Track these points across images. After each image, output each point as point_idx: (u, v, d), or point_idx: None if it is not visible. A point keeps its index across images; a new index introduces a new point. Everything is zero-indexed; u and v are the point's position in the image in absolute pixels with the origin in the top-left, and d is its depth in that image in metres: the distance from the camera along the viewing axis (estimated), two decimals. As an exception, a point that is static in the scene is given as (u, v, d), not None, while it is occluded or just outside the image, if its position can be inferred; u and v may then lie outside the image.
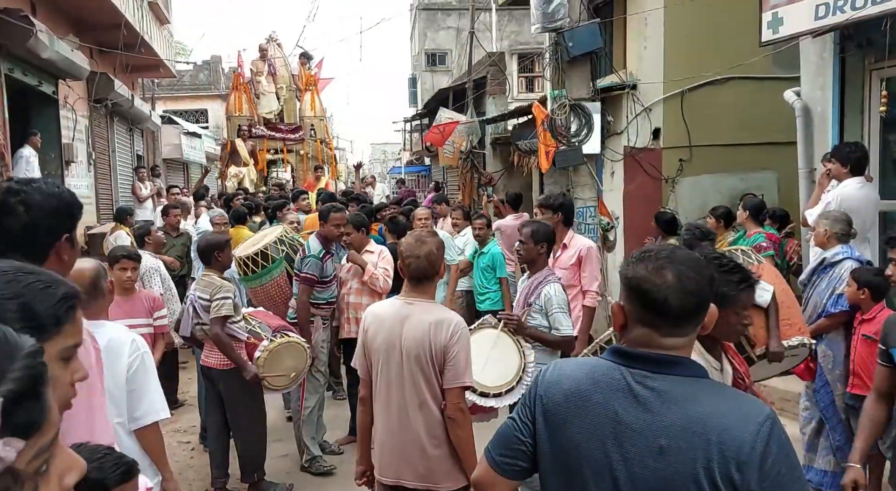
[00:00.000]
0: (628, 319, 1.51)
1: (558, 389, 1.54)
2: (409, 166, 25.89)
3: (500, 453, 1.62)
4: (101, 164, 11.53)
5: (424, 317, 2.79)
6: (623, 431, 1.42)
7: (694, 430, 1.37)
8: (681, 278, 1.43)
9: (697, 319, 1.48)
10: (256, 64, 15.60)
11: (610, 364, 1.51)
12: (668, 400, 1.41)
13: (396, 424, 2.81)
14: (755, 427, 1.36)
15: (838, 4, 4.99)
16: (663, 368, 1.45)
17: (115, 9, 9.90)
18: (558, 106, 7.10)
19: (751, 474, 1.32)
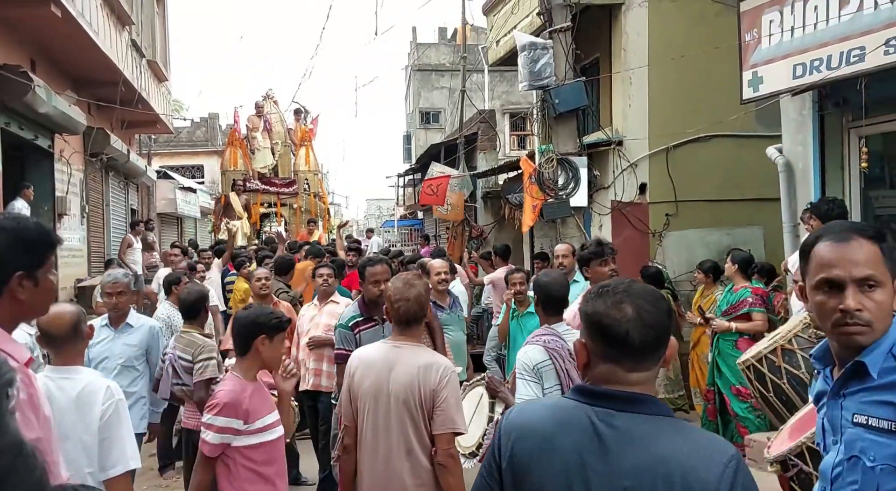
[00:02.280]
0: (591, 356, 1.49)
1: (521, 432, 1.50)
2: (402, 220, 26.05)
3: None
4: (95, 218, 11.58)
5: (413, 361, 2.76)
6: (587, 473, 1.39)
7: (657, 471, 1.34)
8: (639, 311, 1.43)
9: (659, 352, 1.47)
10: (252, 120, 15.88)
11: (574, 403, 1.48)
12: (632, 439, 1.38)
13: (382, 471, 2.76)
14: (720, 468, 1.33)
15: (814, 64, 5.15)
16: (627, 405, 1.42)
17: (113, 66, 10.12)
18: (546, 160, 7.23)
19: None
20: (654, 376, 1.49)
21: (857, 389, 1.63)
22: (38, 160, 9.30)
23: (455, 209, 12.49)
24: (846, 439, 1.63)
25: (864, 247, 1.62)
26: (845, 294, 1.61)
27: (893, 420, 1.55)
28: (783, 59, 5.44)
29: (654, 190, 8.11)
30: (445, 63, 26.50)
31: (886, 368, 1.59)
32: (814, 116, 5.90)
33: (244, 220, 14.88)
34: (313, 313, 5.51)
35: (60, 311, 2.73)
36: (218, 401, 2.78)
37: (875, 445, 1.57)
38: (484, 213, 13.49)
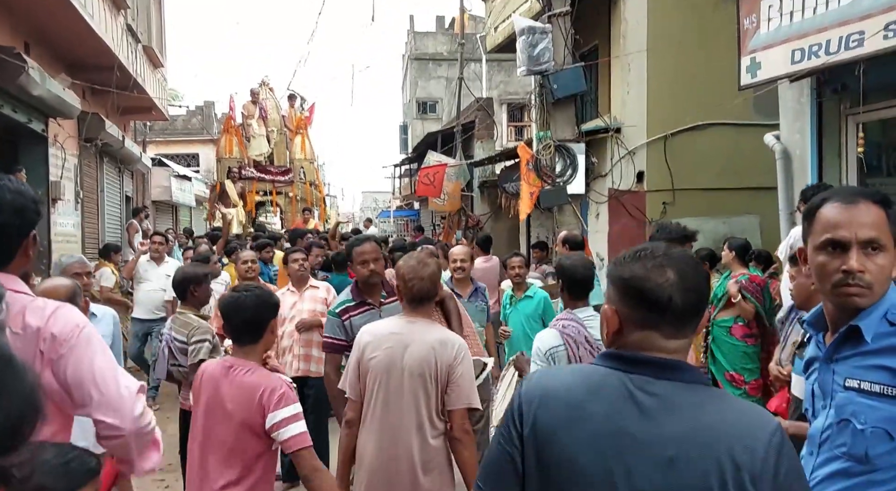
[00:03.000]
0: (624, 322, 1.41)
1: (547, 398, 1.42)
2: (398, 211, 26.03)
3: (490, 483, 1.47)
4: (89, 203, 11.51)
5: (429, 336, 2.78)
6: (625, 441, 1.32)
7: (703, 440, 1.29)
8: (683, 276, 1.37)
9: (698, 317, 1.41)
10: (248, 107, 15.81)
11: (606, 370, 1.40)
12: (674, 407, 1.33)
13: (389, 445, 2.76)
14: (766, 437, 1.30)
15: (813, 50, 5.14)
16: (665, 372, 1.36)
17: (109, 50, 10.04)
18: (543, 147, 7.21)
19: (765, 487, 1.27)
20: (690, 344, 1.43)
21: (850, 354, 1.64)
22: (31, 144, 9.22)
23: (451, 199, 12.48)
24: (837, 403, 1.64)
25: (871, 210, 1.63)
26: (849, 255, 1.61)
27: (886, 384, 1.56)
28: (782, 44, 5.42)
29: (652, 178, 8.10)
30: (443, 52, 26.41)
31: (881, 332, 1.59)
32: (812, 103, 5.89)
33: (239, 208, 14.85)
34: (294, 300, 5.38)
35: (56, 284, 2.74)
36: (286, 390, 2.58)
37: (866, 409, 1.57)
38: (480, 202, 13.48)
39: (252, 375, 2.58)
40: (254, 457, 2.54)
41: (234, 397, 2.54)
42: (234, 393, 2.54)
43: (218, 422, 2.56)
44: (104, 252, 8.56)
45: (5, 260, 1.71)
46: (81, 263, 4.17)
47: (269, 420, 2.48)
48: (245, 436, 2.52)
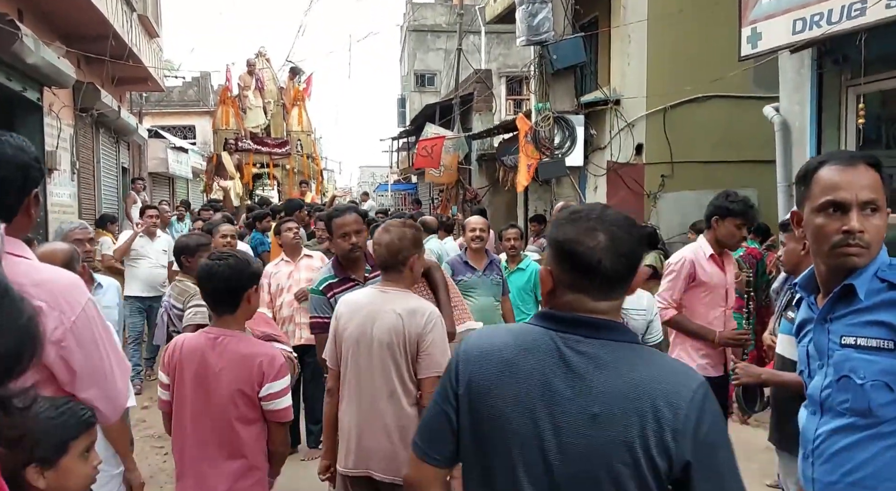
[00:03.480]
0: (557, 283, 1.43)
1: (482, 357, 1.45)
2: (396, 184, 25.96)
3: (427, 441, 1.52)
4: (85, 174, 11.45)
5: (397, 305, 2.76)
6: (554, 398, 1.35)
7: (628, 396, 1.32)
8: (614, 239, 1.37)
9: (628, 281, 1.42)
10: (244, 78, 15.64)
11: (539, 329, 1.43)
12: (601, 365, 1.35)
13: (366, 414, 2.78)
14: (689, 394, 1.32)
15: (814, 19, 5.10)
16: (596, 332, 1.38)
17: (103, 19, 9.90)
18: (542, 118, 7.17)
19: (685, 443, 1.29)
20: (620, 305, 1.45)
21: (844, 313, 1.69)
22: (26, 114, 9.14)
23: (448, 171, 12.43)
24: (834, 361, 1.69)
25: (868, 172, 1.68)
26: (850, 216, 1.65)
27: (882, 338, 1.62)
28: (783, 14, 5.38)
29: (651, 151, 8.08)
30: (442, 24, 26.12)
31: (873, 289, 1.65)
32: (812, 75, 5.86)
33: (236, 181, 14.78)
34: (289, 269, 5.36)
35: (53, 248, 2.73)
36: (283, 362, 2.55)
37: (864, 364, 1.63)
38: (478, 175, 13.44)
39: (245, 344, 2.54)
40: (251, 425, 2.52)
41: (228, 367, 2.48)
42: (226, 363, 2.48)
43: (210, 393, 2.49)
44: (101, 222, 8.55)
45: (7, 218, 1.67)
46: (83, 229, 4.05)
47: (265, 389, 2.46)
48: (240, 404, 2.48)
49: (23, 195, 1.72)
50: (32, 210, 1.76)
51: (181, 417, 2.56)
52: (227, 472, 2.50)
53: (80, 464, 1.70)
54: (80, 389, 1.74)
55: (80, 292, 1.74)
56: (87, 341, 1.71)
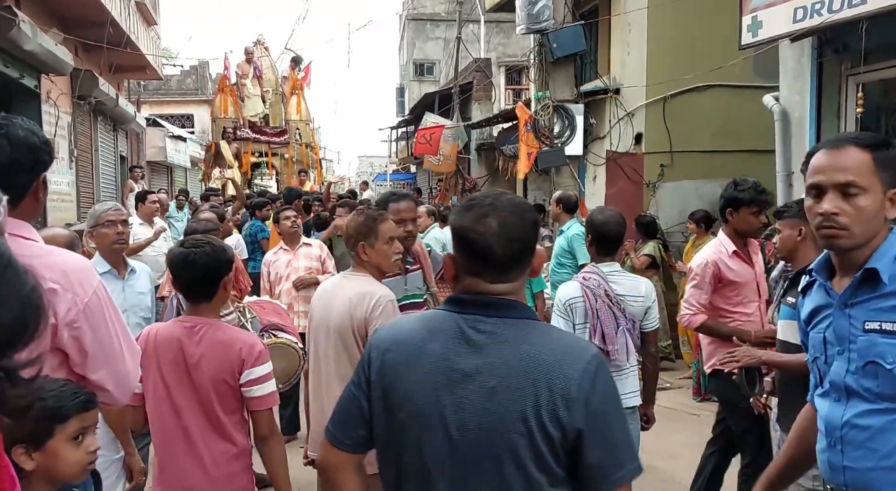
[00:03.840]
0: (458, 268, 1.49)
1: (392, 343, 1.50)
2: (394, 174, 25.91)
3: (339, 427, 1.55)
4: (84, 162, 11.43)
5: (349, 291, 2.78)
6: (455, 376, 1.40)
7: (523, 368, 1.37)
8: (503, 225, 1.42)
9: (522, 264, 1.47)
10: (242, 66, 15.58)
11: (444, 313, 1.49)
12: (500, 341, 1.40)
13: (322, 399, 2.82)
14: (582, 365, 1.37)
15: (815, 8, 5.08)
16: (494, 311, 1.44)
17: (101, 5, 9.86)
18: (542, 107, 7.16)
19: (577, 412, 1.33)
20: (520, 287, 1.50)
21: (867, 298, 1.67)
22: (24, 101, 9.11)
23: (447, 160, 12.41)
24: (859, 347, 1.66)
25: (851, 154, 1.67)
26: (824, 199, 1.68)
27: None
28: (784, 2, 5.35)
29: (650, 140, 8.07)
30: (441, 12, 25.98)
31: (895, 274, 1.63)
32: (812, 64, 5.84)
33: (235, 170, 14.76)
34: (288, 258, 5.34)
35: (54, 233, 2.74)
36: (263, 348, 2.50)
37: (891, 348, 1.61)
38: (478, 165, 13.42)
39: (223, 331, 2.50)
40: (234, 413, 2.49)
41: (207, 355, 2.43)
42: (205, 351, 2.43)
43: (190, 383, 2.45)
44: None
45: (15, 199, 1.66)
46: (116, 210, 3.74)
47: (245, 375, 2.43)
48: (223, 392, 2.45)
49: (32, 178, 1.72)
50: (41, 194, 1.77)
51: (160, 409, 2.49)
52: (211, 460, 2.46)
53: (69, 448, 1.67)
54: (91, 370, 1.75)
55: (92, 274, 1.74)
56: (99, 323, 1.72)
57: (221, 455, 2.46)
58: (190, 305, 2.55)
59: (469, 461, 1.38)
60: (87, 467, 1.74)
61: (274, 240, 6.79)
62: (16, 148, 1.68)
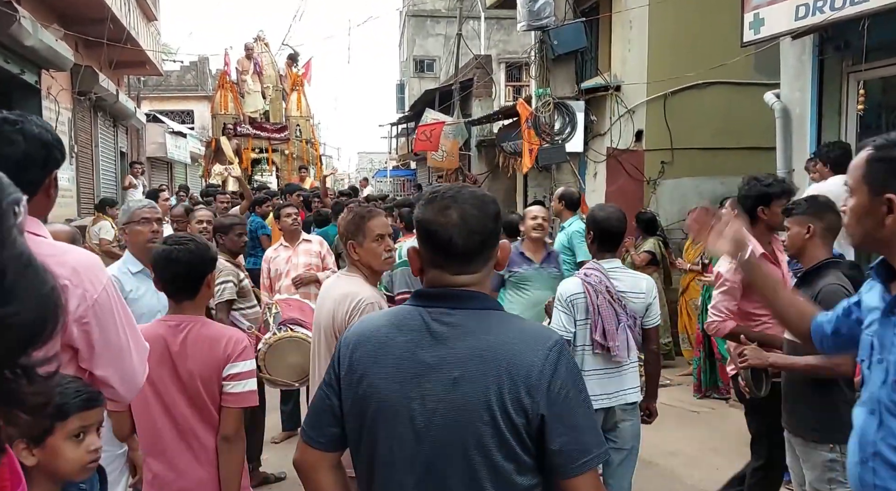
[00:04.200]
0: (423, 262, 1.51)
1: (360, 340, 1.51)
2: (394, 170, 25.90)
3: (312, 426, 1.56)
4: (84, 158, 11.44)
5: (336, 291, 2.77)
6: (420, 368, 1.41)
7: (485, 357, 1.38)
8: (464, 217, 1.43)
9: (484, 255, 1.48)
10: (242, 63, 15.54)
11: (411, 307, 1.50)
12: (463, 332, 1.42)
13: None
14: (544, 352, 1.37)
15: (818, 5, 5.08)
16: (458, 303, 1.45)
17: (101, 2, 9.85)
18: (542, 104, 7.16)
19: (539, 397, 1.34)
20: (483, 278, 1.50)
21: None
22: (25, 97, 9.12)
23: (450, 157, 12.41)
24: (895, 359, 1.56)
25: (858, 157, 1.68)
26: None
27: None
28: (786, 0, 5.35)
29: (651, 137, 8.07)
30: (441, 9, 25.94)
31: None
32: (813, 61, 5.84)
33: (235, 166, 14.73)
34: (288, 254, 5.32)
35: (55, 229, 2.73)
36: (248, 344, 2.48)
37: None
38: (478, 161, 13.42)
39: (208, 327, 2.47)
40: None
41: (194, 353, 2.40)
42: (191, 349, 2.40)
43: (179, 381, 2.41)
44: (100, 206, 8.53)
45: (28, 195, 1.68)
46: (151, 208, 3.66)
47: (228, 368, 2.39)
48: (212, 388, 2.41)
49: (44, 174, 1.73)
50: (52, 191, 1.78)
51: (148, 411, 2.44)
52: (206, 457, 2.43)
53: (69, 446, 1.66)
54: (97, 366, 1.76)
55: (102, 271, 1.75)
56: (107, 319, 1.72)
57: (216, 450, 2.44)
58: (174, 303, 2.51)
59: (436, 452, 1.39)
60: (88, 466, 1.73)
61: (275, 236, 6.79)
62: (30, 143, 1.69)
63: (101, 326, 1.72)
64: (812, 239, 2.95)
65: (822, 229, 2.95)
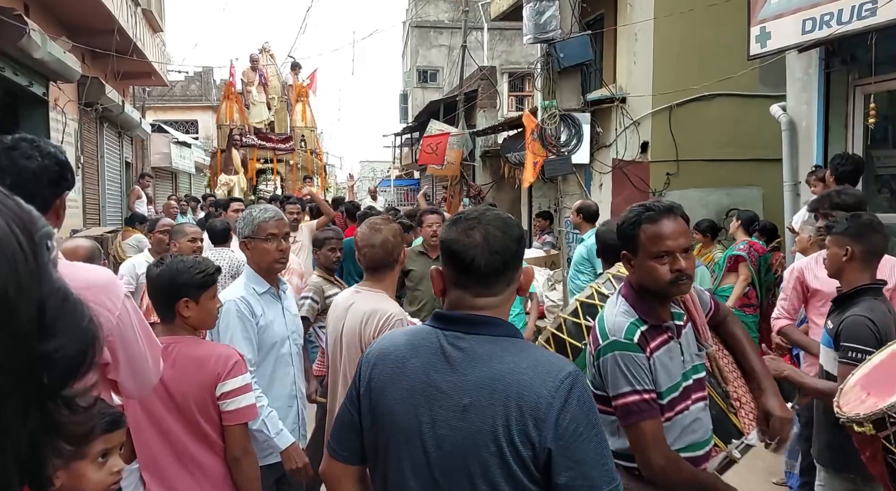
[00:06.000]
0: (446, 282, 1.52)
1: (379, 358, 1.53)
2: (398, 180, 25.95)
3: (336, 439, 1.59)
4: (89, 169, 11.47)
5: (361, 307, 2.69)
6: (433, 392, 1.42)
7: (495, 386, 1.37)
8: (487, 238, 1.44)
9: (507, 277, 1.48)
10: (247, 74, 15.63)
11: (428, 328, 1.51)
12: (475, 359, 1.41)
13: (332, 414, 2.80)
14: (555, 384, 1.35)
15: (824, 19, 5.10)
16: (474, 328, 1.45)
17: (108, 13, 9.90)
18: (549, 116, 7.18)
19: (547, 431, 1.32)
20: (503, 302, 1.50)
21: None
22: (32, 108, 9.15)
23: (450, 165, 12.43)
24: None
25: None
26: None
27: None
28: (792, 13, 5.38)
29: (656, 149, 8.09)
30: (444, 20, 26.06)
31: None
32: (819, 74, 5.86)
33: (241, 176, 14.79)
34: None
35: (76, 244, 2.77)
36: (238, 360, 2.40)
37: None
38: (482, 172, 13.44)
39: (195, 347, 2.41)
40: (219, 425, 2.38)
41: (183, 375, 2.34)
42: (180, 371, 2.34)
43: (172, 405, 2.35)
44: (130, 221, 8.55)
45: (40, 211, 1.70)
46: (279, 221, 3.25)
47: (219, 388, 2.33)
48: (206, 409, 2.35)
49: (56, 193, 1.75)
50: (61, 212, 1.80)
51: (145, 437, 2.39)
52: (204, 477, 2.39)
53: (93, 468, 1.66)
54: (118, 374, 1.78)
55: (119, 288, 1.77)
56: (128, 333, 1.75)
57: (214, 469, 2.41)
58: (162, 325, 2.46)
59: (445, 478, 1.39)
60: (111, 488, 1.72)
61: None
62: (46, 158, 1.73)
63: (123, 340, 1.74)
64: (851, 262, 2.75)
65: (863, 252, 2.73)
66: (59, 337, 0.68)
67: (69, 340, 0.69)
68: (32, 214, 0.69)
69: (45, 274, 0.67)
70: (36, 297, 0.65)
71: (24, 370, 0.64)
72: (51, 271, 0.69)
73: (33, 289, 0.64)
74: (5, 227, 0.63)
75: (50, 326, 0.67)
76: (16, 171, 1.65)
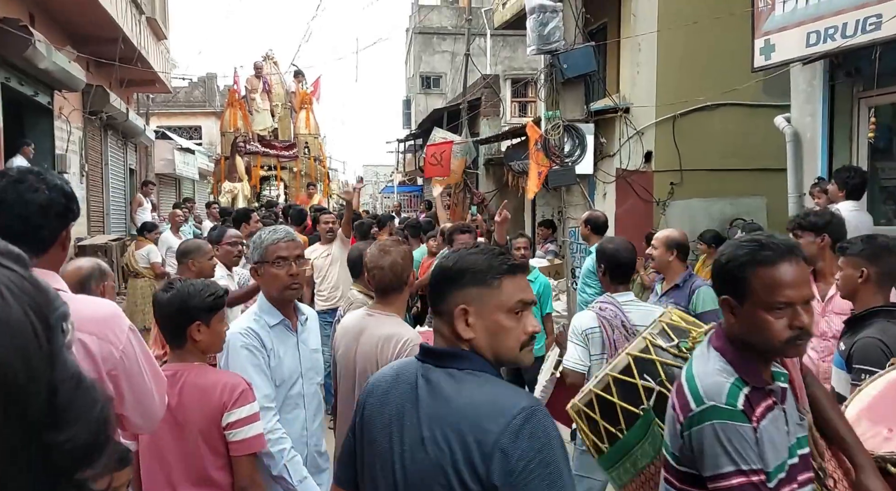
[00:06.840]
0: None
1: (372, 388, 1.59)
2: (401, 186, 25.96)
3: (339, 463, 1.65)
4: (94, 177, 11.51)
5: (376, 331, 2.61)
6: (404, 423, 1.46)
7: (449, 421, 1.38)
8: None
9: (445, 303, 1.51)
10: (251, 81, 15.68)
11: (414, 360, 1.56)
12: (438, 392, 1.44)
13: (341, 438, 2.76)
14: (505, 420, 1.33)
15: (829, 32, 5.09)
16: (442, 361, 1.48)
17: (113, 22, 9.95)
18: (552, 126, 7.18)
19: (494, 467, 1.31)
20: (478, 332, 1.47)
21: None
22: (37, 117, 9.20)
23: (454, 174, 12.44)
24: None
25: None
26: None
27: None
28: (797, 26, 5.37)
29: (660, 158, 8.08)
30: (448, 26, 26.12)
31: None
32: (824, 86, 5.86)
33: (244, 183, 14.82)
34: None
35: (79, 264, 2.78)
36: (245, 388, 2.34)
37: None
38: (486, 180, 13.45)
39: (202, 374, 2.35)
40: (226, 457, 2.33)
41: (189, 404, 2.29)
42: (187, 400, 2.29)
43: (179, 434, 2.30)
44: (141, 230, 8.55)
45: (44, 246, 1.70)
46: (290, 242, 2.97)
47: (226, 418, 2.27)
48: (212, 441, 2.31)
49: (62, 225, 1.75)
50: (66, 244, 1.80)
51: (150, 465, 2.36)
52: None
53: None
54: (120, 408, 1.77)
55: (123, 320, 1.77)
56: (133, 367, 1.75)
57: None
58: (171, 351, 2.43)
59: None
60: None
61: None
62: (52, 191, 1.73)
63: (127, 374, 1.74)
64: (866, 284, 2.68)
65: (878, 274, 2.65)
66: (69, 426, 0.68)
67: (81, 429, 0.69)
68: (49, 296, 0.68)
69: (58, 359, 0.66)
70: (47, 382, 0.64)
71: (34, 459, 0.64)
72: (65, 356, 0.68)
73: (45, 375, 0.64)
74: (21, 314, 0.62)
75: (61, 414, 0.67)
76: (23, 205, 1.65)
